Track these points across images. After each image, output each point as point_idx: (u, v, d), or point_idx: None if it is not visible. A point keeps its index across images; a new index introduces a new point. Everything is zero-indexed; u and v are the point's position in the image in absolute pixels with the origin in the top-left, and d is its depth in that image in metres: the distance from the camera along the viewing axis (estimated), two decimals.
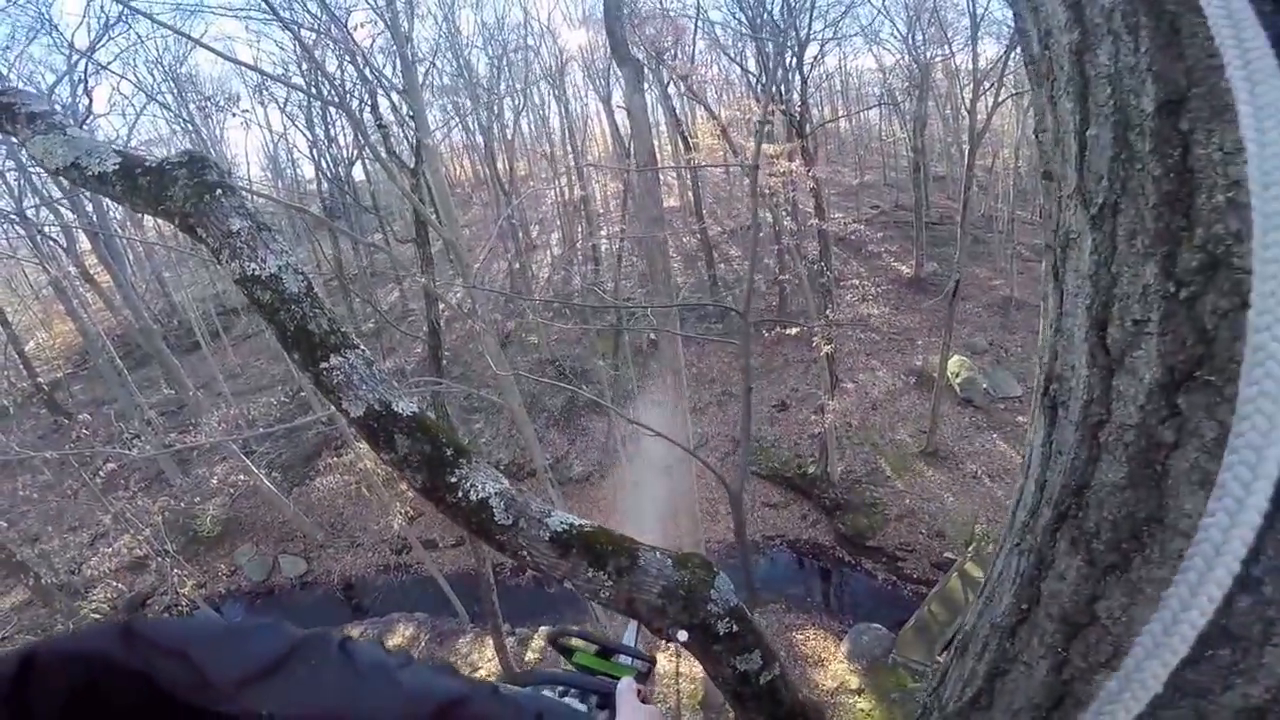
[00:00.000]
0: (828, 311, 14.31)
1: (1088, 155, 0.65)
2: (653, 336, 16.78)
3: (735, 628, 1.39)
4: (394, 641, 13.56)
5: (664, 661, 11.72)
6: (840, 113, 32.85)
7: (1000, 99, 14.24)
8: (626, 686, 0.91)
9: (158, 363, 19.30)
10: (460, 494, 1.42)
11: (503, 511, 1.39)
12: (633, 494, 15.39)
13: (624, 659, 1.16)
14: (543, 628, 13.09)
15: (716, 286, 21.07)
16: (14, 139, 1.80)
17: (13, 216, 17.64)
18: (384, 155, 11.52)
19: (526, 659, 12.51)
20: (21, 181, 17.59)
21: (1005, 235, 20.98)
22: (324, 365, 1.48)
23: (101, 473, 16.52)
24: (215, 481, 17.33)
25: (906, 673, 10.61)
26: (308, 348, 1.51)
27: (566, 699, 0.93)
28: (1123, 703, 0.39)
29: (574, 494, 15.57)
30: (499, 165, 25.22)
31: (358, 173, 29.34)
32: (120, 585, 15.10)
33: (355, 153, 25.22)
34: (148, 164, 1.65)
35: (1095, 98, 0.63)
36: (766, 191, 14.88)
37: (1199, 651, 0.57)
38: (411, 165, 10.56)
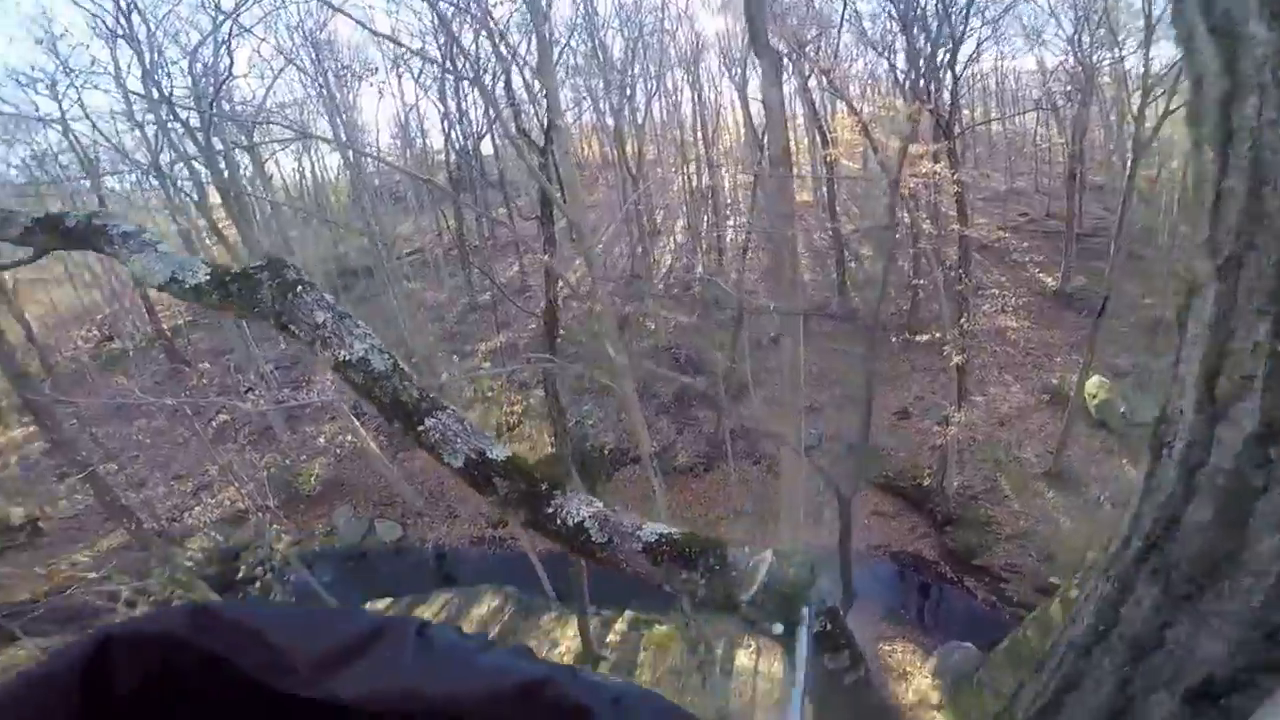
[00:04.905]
0: (962, 320, 14.50)
1: (1221, 206, 0.70)
2: (773, 335, 17.83)
3: (829, 627, 1.52)
4: (479, 611, 14.66)
5: (744, 658, 12.57)
6: (994, 114, 32.31)
7: (1173, 107, 13.65)
8: None
9: None
10: (559, 521, 1.68)
11: (598, 531, 1.64)
12: (738, 491, 16.30)
13: None
14: (627, 611, 14.01)
15: (845, 287, 21.60)
16: (115, 256, 2.13)
17: (147, 168, 19.59)
18: (514, 132, 12.27)
19: (607, 639, 13.53)
20: (159, 135, 19.03)
21: (1166, 252, 20.20)
22: (420, 428, 1.80)
23: (214, 423, 18.18)
24: (322, 440, 18.45)
25: (991, 695, 10.70)
26: (404, 415, 1.82)
27: None
28: None
29: (676, 484, 16.22)
30: (627, 149, 26.04)
31: (485, 147, 30.86)
32: (218, 536, 16.21)
33: (485, 128, 26.90)
34: (233, 271, 1.96)
35: (1236, 150, 0.67)
36: (906, 193, 15.40)
37: None
38: (541, 144, 11.04)
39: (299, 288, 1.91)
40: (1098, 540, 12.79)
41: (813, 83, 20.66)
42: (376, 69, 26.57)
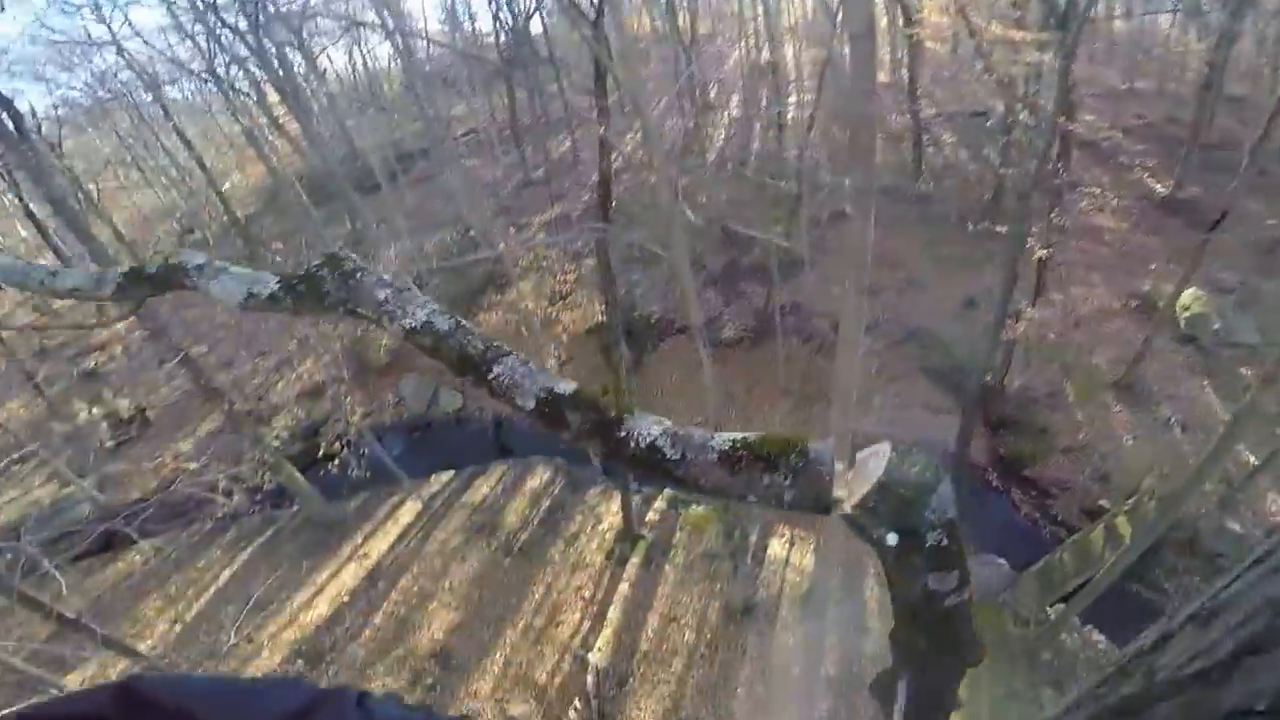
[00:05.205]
0: (1053, 215, 13.52)
1: None
2: (835, 211, 17.04)
3: (945, 542, 1.35)
4: (532, 484, 15.21)
5: (777, 547, 12.56)
6: (1118, 10, 29.39)
7: None
8: None
9: (342, 202, 21.94)
10: (632, 445, 1.65)
11: (670, 448, 1.59)
12: (785, 368, 15.92)
13: None
14: (667, 490, 14.19)
15: (921, 172, 20.66)
16: (196, 288, 2.35)
17: (204, 75, 20.54)
18: (565, 3, 12.32)
19: (648, 518, 13.74)
20: (210, 42, 19.57)
21: None
22: (490, 377, 1.86)
23: None
24: None
25: (1010, 615, 10.66)
26: (473, 367, 1.90)
27: None
28: None
29: (721, 357, 15.97)
30: (679, 21, 25.02)
31: (534, 26, 30.30)
32: (299, 412, 17.21)
33: (533, 5, 26.40)
34: (299, 274, 2.12)
35: None
36: (1005, 80, 14.26)
37: None
38: (592, 18, 10.62)
39: (358, 274, 2.04)
40: (1159, 466, 12.31)
41: None
42: None
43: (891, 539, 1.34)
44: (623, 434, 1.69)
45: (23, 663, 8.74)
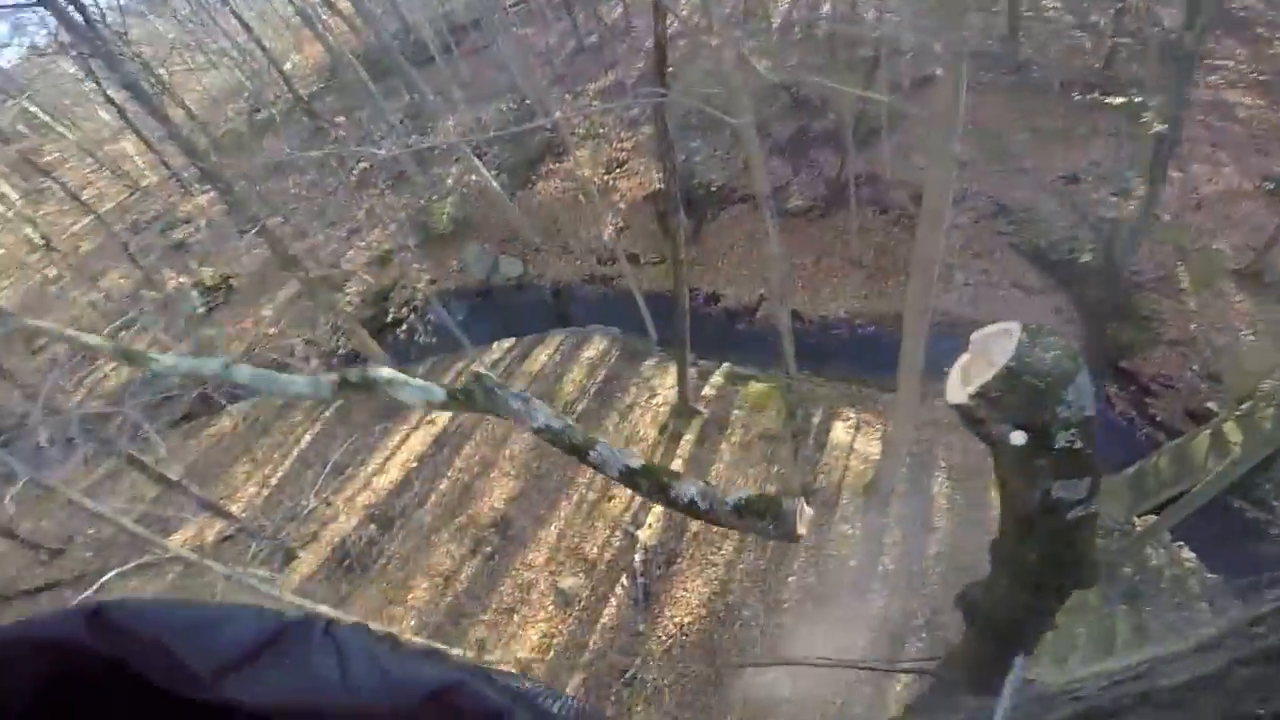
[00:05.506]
0: None
1: None
2: (917, 77, 15.31)
3: (1078, 444, 1.18)
4: (588, 353, 15.24)
5: (841, 432, 12.02)
6: None
7: None
8: None
9: (399, 76, 21.76)
10: (680, 501, 2.60)
11: (702, 501, 2.56)
12: (858, 240, 14.97)
13: None
14: (725, 364, 14.00)
15: (1016, 39, 18.46)
16: (387, 394, 3.19)
17: None
18: None
19: (704, 392, 13.43)
20: None
21: None
22: (589, 459, 2.78)
23: (355, 172, 20.22)
24: (450, 181, 20.15)
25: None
26: (578, 452, 2.80)
27: None
28: None
29: (787, 227, 15.15)
30: None
31: None
32: (369, 278, 17.70)
33: None
34: (459, 389, 3.03)
35: None
36: None
37: None
38: None
39: (496, 390, 2.92)
40: None
41: None
42: None
43: (1017, 437, 1.13)
44: (674, 493, 2.58)
45: (133, 525, 9.32)
